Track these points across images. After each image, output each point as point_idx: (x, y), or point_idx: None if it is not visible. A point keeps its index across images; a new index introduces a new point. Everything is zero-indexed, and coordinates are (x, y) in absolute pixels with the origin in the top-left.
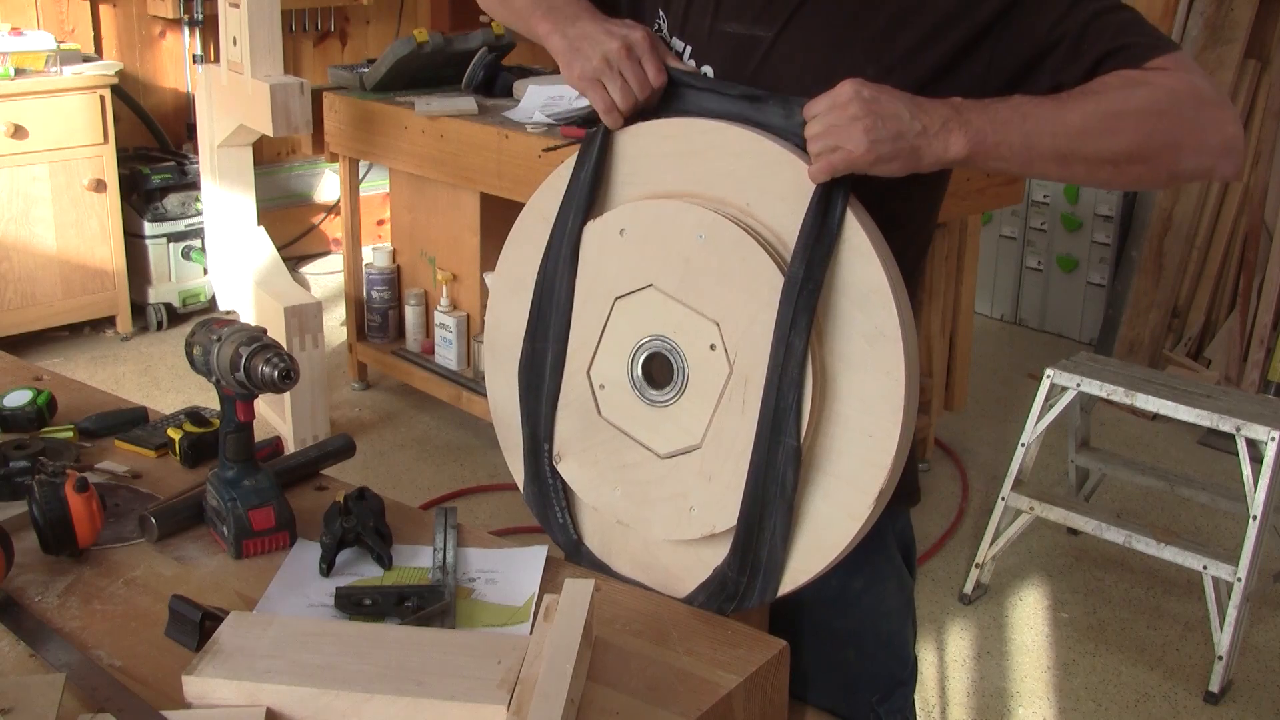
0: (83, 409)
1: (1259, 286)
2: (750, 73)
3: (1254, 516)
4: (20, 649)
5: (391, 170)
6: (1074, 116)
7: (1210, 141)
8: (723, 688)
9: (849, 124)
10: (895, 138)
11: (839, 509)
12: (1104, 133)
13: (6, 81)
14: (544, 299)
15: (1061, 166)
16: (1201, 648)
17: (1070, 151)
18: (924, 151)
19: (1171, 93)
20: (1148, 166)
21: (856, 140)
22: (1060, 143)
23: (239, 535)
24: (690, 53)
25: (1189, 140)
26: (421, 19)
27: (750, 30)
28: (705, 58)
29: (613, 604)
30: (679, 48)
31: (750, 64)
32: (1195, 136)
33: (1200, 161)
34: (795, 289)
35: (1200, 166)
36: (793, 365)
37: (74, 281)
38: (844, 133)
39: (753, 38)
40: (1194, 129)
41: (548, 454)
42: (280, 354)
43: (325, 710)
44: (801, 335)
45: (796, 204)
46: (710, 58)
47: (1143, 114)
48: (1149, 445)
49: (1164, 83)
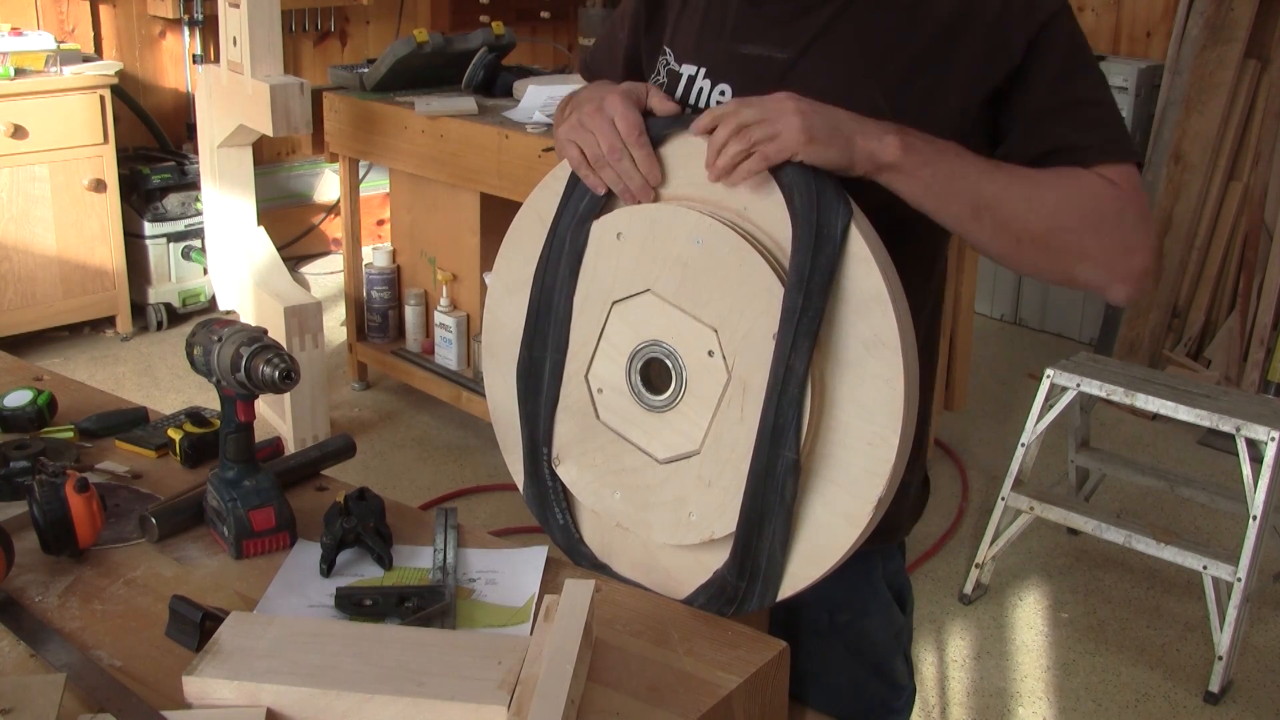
0: (83, 409)
1: (1259, 286)
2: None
3: (1254, 516)
4: (20, 649)
5: (391, 170)
6: (1002, 177)
7: (1115, 264)
8: (723, 689)
9: (786, 114)
10: (830, 127)
11: (838, 516)
12: (1022, 206)
13: (6, 81)
14: (541, 307)
15: (972, 217)
16: (1201, 648)
17: (985, 205)
18: (858, 144)
19: (1099, 204)
20: (1047, 258)
21: (789, 123)
22: (981, 192)
23: (239, 535)
24: (705, 74)
25: (1095, 253)
26: (421, 19)
27: (769, 52)
28: (722, 78)
29: (613, 605)
30: (691, 71)
31: (767, 85)
32: (1103, 252)
33: (1097, 276)
34: (795, 316)
35: (1096, 281)
36: (793, 385)
37: (74, 281)
38: (779, 121)
39: (771, 59)
40: (1105, 245)
41: (547, 457)
42: (281, 354)
43: (325, 710)
44: (803, 358)
45: None
46: (728, 78)
47: (1064, 209)
48: (1149, 445)
49: (1098, 192)
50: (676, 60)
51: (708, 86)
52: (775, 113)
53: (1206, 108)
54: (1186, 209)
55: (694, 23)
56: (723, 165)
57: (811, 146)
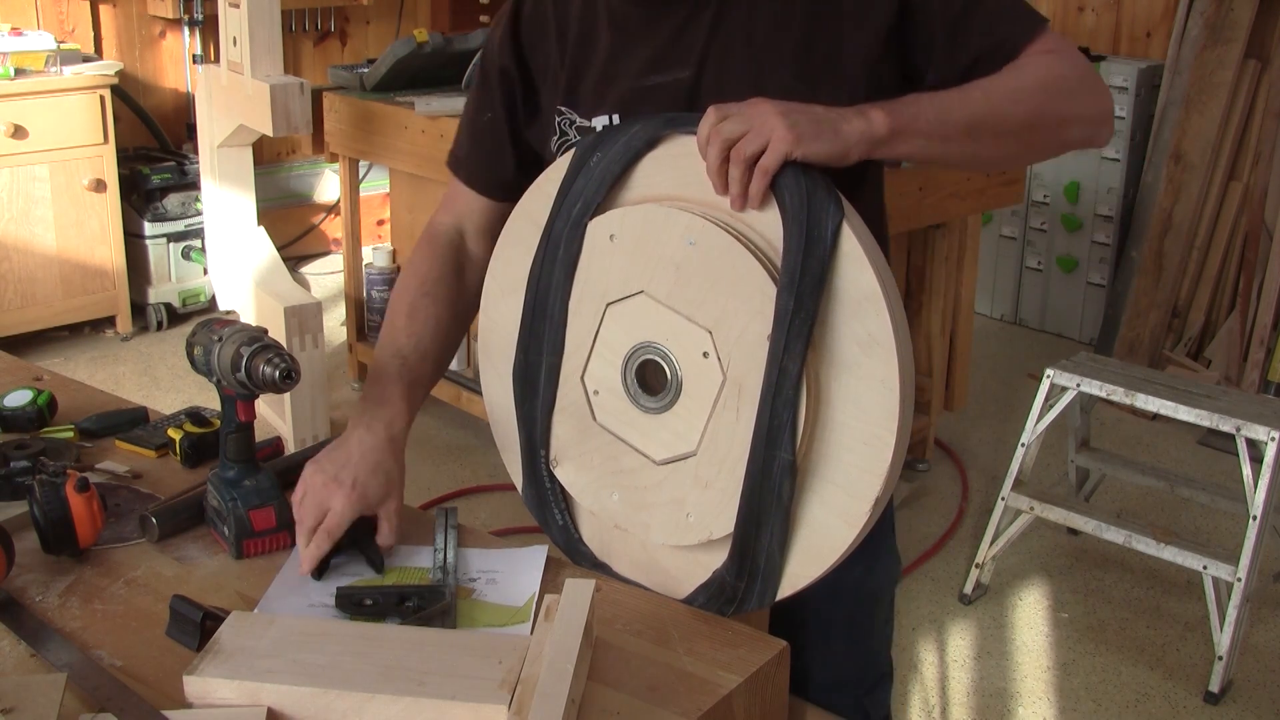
0: (83, 409)
1: (1259, 286)
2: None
3: (1254, 516)
4: (21, 649)
5: (391, 170)
6: (977, 94)
7: (1091, 112)
8: (723, 688)
9: (767, 117)
10: (813, 120)
11: (836, 516)
12: (1006, 104)
13: (6, 81)
14: (536, 310)
15: (974, 140)
16: (1201, 648)
17: (980, 122)
18: (846, 129)
19: (1053, 74)
20: (1040, 139)
21: (773, 124)
22: (971, 113)
23: (240, 535)
24: (619, 118)
25: (1075, 112)
26: (421, 19)
27: (672, 76)
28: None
29: (613, 604)
30: (604, 121)
31: (683, 108)
32: (1081, 109)
33: (1084, 131)
34: (787, 317)
35: (1084, 135)
36: (787, 386)
37: (74, 281)
38: (763, 127)
39: (676, 82)
40: (1079, 103)
41: (544, 459)
42: (281, 354)
43: (326, 710)
44: (796, 360)
45: None
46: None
47: (1034, 90)
48: (1149, 445)
49: (1047, 65)
50: (584, 116)
51: None
52: (756, 119)
53: (1206, 108)
54: (1186, 209)
55: (582, 78)
56: (736, 194)
57: (803, 143)
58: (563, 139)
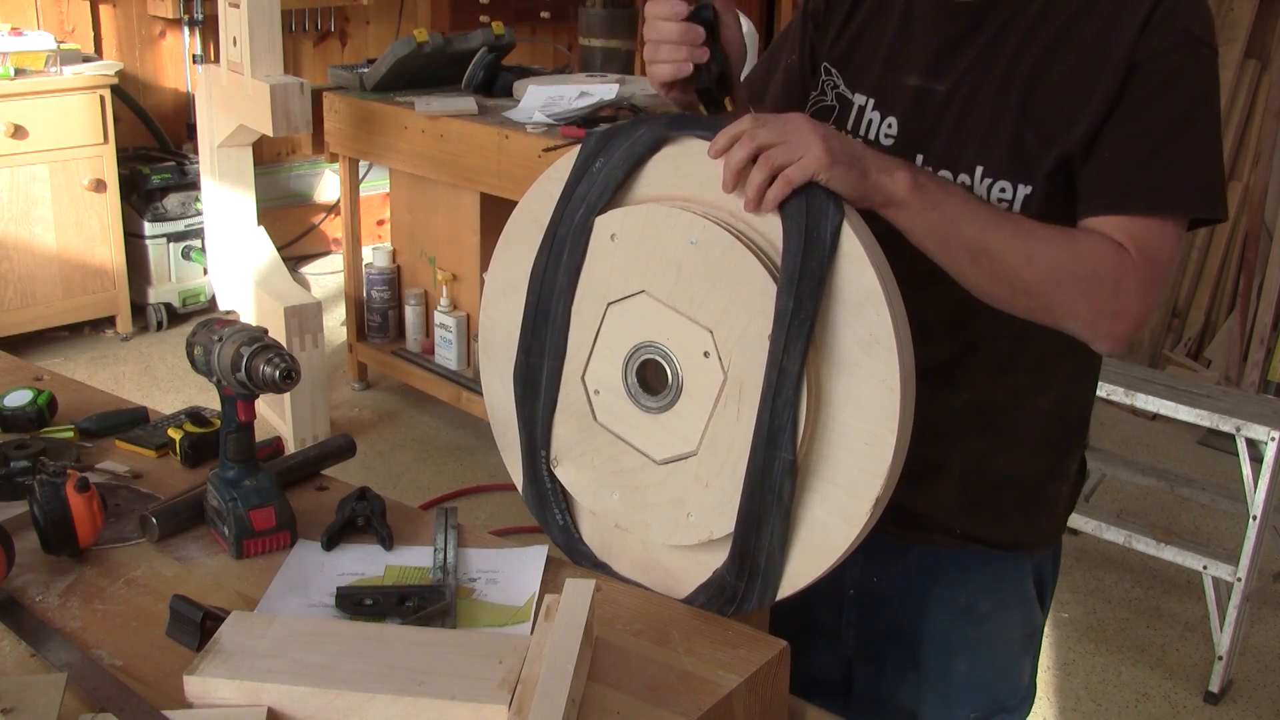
0: (83, 409)
1: (1259, 286)
2: (929, 126)
3: (1254, 516)
4: (21, 649)
5: (391, 170)
6: (1006, 228)
7: (1099, 325)
8: (723, 688)
9: (805, 135)
10: (850, 154)
11: (836, 516)
12: (1021, 259)
13: (6, 81)
14: (539, 312)
15: (970, 262)
16: (1201, 648)
17: (984, 250)
18: (871, 172)
19: (1096, 269)
20: (1036, 307)
21: (811, 144)
22: (985, 239)
23: (240, 535)
24: (874, 105)
25: (1082, 313)
26: (421, 19)
27: (927, 84)
28: (891, 110)
29: (613, 604)
30: (861, 102)
31: (929, 116)
32: (1090, 314)
33: (1081, 332)
34: (787, 318)
35: (1080, 335)
36: (787, 386)
37: (74, 281)
38: (800, 143)
39: (930, 91)
40: (1093, 308)
41: (545, 459)
42: (281, 354)
43: (326, 710)
44: (796, 360)
45: None
46: (896, 111)
47: (1060, 270)
48: (1149, 445)
49: (1101, 257)
50: (848, 86)
51: (877, 119)
52: (795, 134)
53: None
54: None
55: (860, 49)
56: (751, 196)
57: (834, 169)
58: (819, 98)
